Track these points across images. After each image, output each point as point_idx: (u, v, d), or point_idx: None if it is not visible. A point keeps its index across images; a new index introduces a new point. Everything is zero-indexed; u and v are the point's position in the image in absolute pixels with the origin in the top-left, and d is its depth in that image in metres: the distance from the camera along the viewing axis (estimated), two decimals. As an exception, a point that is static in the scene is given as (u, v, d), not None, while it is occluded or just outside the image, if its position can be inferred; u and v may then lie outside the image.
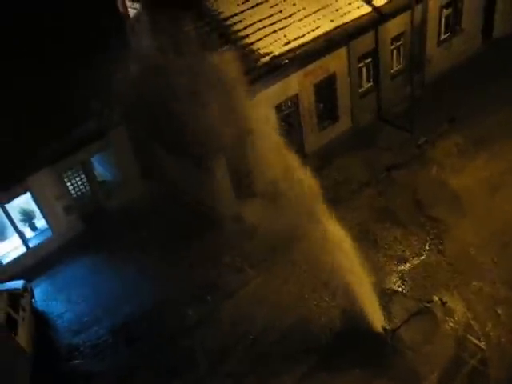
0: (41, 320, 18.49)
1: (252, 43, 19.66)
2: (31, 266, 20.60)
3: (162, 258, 19.49)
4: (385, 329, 15.60)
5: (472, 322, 15.56)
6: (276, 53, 19.68)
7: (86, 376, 16.44)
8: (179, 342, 16.71)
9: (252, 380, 15.24)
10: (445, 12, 24.98)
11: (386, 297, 16.58)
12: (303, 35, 20.37)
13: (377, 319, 15.63)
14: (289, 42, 20.05)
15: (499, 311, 15.70)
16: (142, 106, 19.96)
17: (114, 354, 16.90)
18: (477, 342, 15.05)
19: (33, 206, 21.09)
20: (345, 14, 21.41)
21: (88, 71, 18.33)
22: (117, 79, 17.78)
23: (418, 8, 22.04)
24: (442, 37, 25.56)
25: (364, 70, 23.27)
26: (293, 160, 15.20)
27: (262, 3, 20.75)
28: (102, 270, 20.00)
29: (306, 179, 14.91)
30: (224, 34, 19.61)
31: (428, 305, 16.24)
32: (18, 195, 20.15)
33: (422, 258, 17.76)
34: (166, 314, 17.60)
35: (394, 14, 22.46)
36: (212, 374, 15.60)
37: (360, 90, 23.51)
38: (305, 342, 15.88)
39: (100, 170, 23.36)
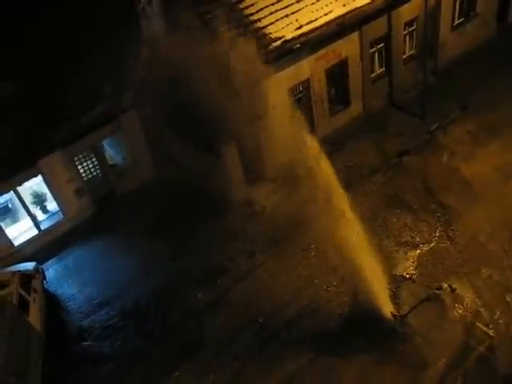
0: (52, 301, 18.68)
1: (264, 27, 19.55)
2: (43, 248, 20.81)
3: (172, 242, 19.57)
4: (394, 315, 15.62)
5: (481, 309, 15.55)
6: (288, 37, 19.57)
7: (96, 357, 16.62)
8: (188, 324, 16.84)
9: (259, 364, 15.35)
10: (459, -4, 24.72)
11: (395, 283, 16.59)
12: (315, 19, 20.23)
13: (386, 305, 15.65)
14: (301, 27, 19.92)
15: (508, 299, 15.66)
16: (153, 89, 19.98)
17: (123, 336, 17.06)
18: (485, 329, 15.05)
19: (44, 189, 21.25)
20: (358, -3, 21.21)
21: (99, 55, 18.38)
22: (128, 63, 17.78)
23: (432, -8, 21.82)
24: (456, 22, 25.26)
25: (376, 55, 23.09)
26: (304, 144, 15.15)
27: (274, -13, 20.60)
28: (113, 253, 20.14)
29: (317, 164, 14.88)
30: (236, 18, 19.50)
31: (437, 291, 16.22)
32: (29, 178, 20.29)
33: (432, 244, 17.72)
34: (175, 297, 17.73)
35: (407, -1, 22.22)
36: (220, 356, 15.72)
37: (372, 76, 23.36)
38: (313, 327, 15.96)
39: (111, 153, 23.46)
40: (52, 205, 21.82)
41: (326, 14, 20.44)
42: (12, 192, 20.31)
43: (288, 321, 16.25)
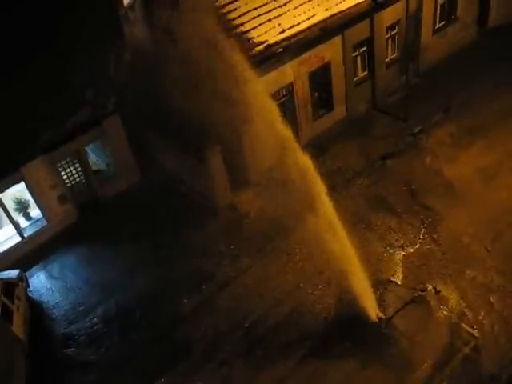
0: (36, 309, 18.49)
1: (247, 31, 19.55)
2: (26, 255, 20.57)
3: (157, 247, 19.50)
4: (379, 317, 15.68)
5: (465, 310, 15.66)
6: (271, 41, 19.58)
7: (81, 364, 16.48)
8: (174, 330, 16.76)
9: (246, 368, 15.31)
10: (440, 0, 24.89)
11: (380, 285, 16.66)
12: (298, 24, 20.26)
13: (371, 308, 15.70)
14: (284, 31, 19.95)
15: (492, 299, 15.79)
16: (137, 94, 19.92)
17: (108, 343, 16.93)
18: (470, 329, 15.16)
19: (27, 196, 21.02)
20: (340, 2, 21.24)
21: (82, 60, 18.28)
22: (111, 67, 17.72)
23: (414, -4, 22.01)
24: (438, 25, 25.49)
25: (359, 58, 23.19)
26: (288, 149, 15.17)
27: (257, -9, 20.63)
28: (97, 260, 20.00)
29: (301, 168, 14.90)
30: (219, 22, 19.48)
31: (422, 293, 16.33)
32: (12, 184, 20.09)
33: (416, 246, 17.83)
34: (161, 303, 17.64)
35: (389, 3, 22.34)
36: (206, 362, 15.65)
37: (355, 79, 23.45)
38: (299, 330, 15.97)
39: (95, 158, 23.31)
40: (35, 211, 21.60)
41: (308, 19, 20.49)
42: (-6, 199, 20.10)
43: (274, 325, 16.24)
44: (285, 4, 20.66)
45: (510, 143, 20.52)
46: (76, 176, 21.67)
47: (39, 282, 19.69)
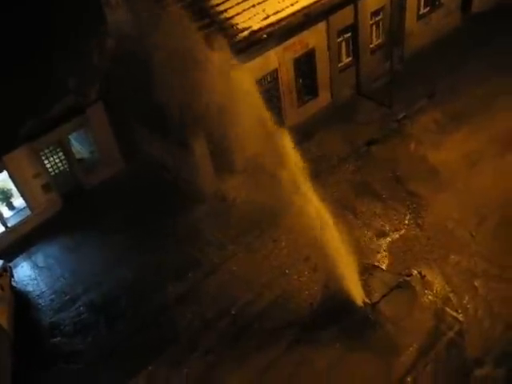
0: (21, 299, 18.38)
1: (230, 18, 19.39)
2: (10, 245, 20.43)
3: (142, 236, 19.42)
4: (365, 303, 15.77)
5: (450, 295, 15.79)
6: (255, 27, 19.44)
7: (67, 354, 16.44)
8: (160, 318, 16.74)
9: (233, 356, 15.33)
10: (424, -14, 24.91)
11: (366, 271, 16.73)
12: (282, 10, 20.10)
13: (357, 293, 15.77)
14: (268, 17, 19.80)
15: (476, 284, 15.92)
16: (120, 81, 19.72)
17: (94, 332, 16.90)
18: (455, 314, 15.29)
19: (10, 185, 20.82)
20: (324, -13, 21.18)
21: (64, 48, 18.05)
22: (94, 55, 17.51)
23: (398, -18, 21.92)
24: (422, 11, 25.44)
25: (343, 44, 23.09)
26: (273, 135, 15.12)
27: (240, -23, 20.44)
28: (82, 248, 19.89)
29: (286, 154, 14.87)
30: (202, 8, 19.32)
31: (407, 278, 16.42)
32: (-6, 174, 19.89)
33: (402, 232, 17.91)
34: (147, 291, 17.59)
35: (373, -11, 22.31)
36: (193, 349, 15.67)
37: (339, 65, 23.37)
38: (286, 316, 16.01)
39: (79, 147, 23.12)
40: (18, 201, 21.41)
41: (292, 4, 20.32)
42: (-24, 189, 19.92)
43: (260, 312, 16.28)
44: (269, -11, 20.52)
45: (493, 129, 20.60)
46: (60, 164, 21.48)
47: (24, 272, 19.57)
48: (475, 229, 17.45)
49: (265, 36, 19.49)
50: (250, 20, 19.55)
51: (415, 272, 16.55)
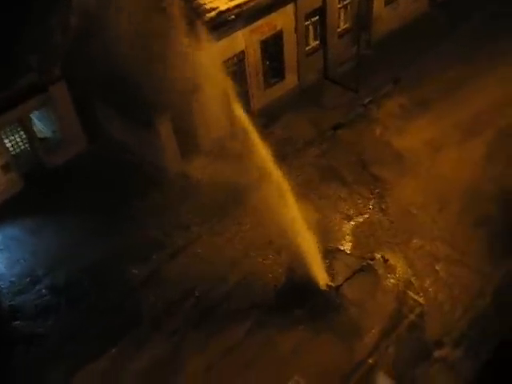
0: (-21, 282, 18.00)
1: (198, -3, 19.14)
2: (-32, 226, 19.94)
3: (105, 217, 19.11)
4: (329, 286, 15.90)
5: (412, 279, 16.06)
6: (222, 8, 19.18)
7: (28, 337, 16.14)
8: (123, 301, 16.58)
9: (197, 337, 15.33)
10: (392, -29, 24.95)
11: (329, 254, 16.88)
12: (250, -10, 19.95)
13: (321, 276, 15.91)
14: (235, -3, 19.62)
15: (438, 268, 16.25)
16: (84, 60, 19.30)
17: (56, 315, 16.64)
18: (416, 297, 15.57)
19: (-32, 165, 20.28)
20: (293, -31, 21.05)
21: (25, 24, 17.56)
22: (57, 32, 17.08)
23: (366, -34, 21.90)
24: (390, -4, 25.55)
25: (311, 28, 23.02)
26: (238, 117, 15.05)
27: (208, -44, 20.13)
28: (43, 230, 19.47)
29: (251, 137, 14.82)
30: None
31: (370, 262, 16.64)
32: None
33: (366, 216, 18.10)
34: (110, 274, 17.36)
35: (341, -28, 22.25)
36: (157, 331, 15.61)
37: (307, 49, 23.32)
38: (250, 299, 16.05)
39: (41, 126, 22.59)
40: (-23, 181, 20.88)
41: (260, -14, 20.19)
42: None
43: (225, 294, 16.29)
44: (237, -31, 20.27)
45: (457, 115, 20.90)
46: (20, 144, 20.94)
47: (-17, 253, 19.14)
48: (437, 214, 17.75)
49: (232, 17, 19.29)
50: (218, 0, 19.29)
51: (378, 256, 16.76)
